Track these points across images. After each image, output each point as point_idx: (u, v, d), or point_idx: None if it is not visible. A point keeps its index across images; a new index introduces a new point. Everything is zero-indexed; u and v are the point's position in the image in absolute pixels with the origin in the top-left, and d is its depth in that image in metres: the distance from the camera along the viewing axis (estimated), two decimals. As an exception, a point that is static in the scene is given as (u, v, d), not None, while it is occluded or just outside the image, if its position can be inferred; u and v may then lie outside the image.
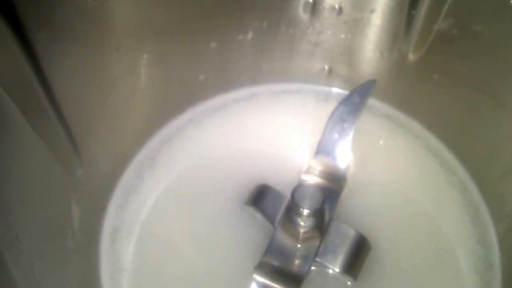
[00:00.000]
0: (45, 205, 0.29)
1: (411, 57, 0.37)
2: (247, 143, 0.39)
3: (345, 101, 0.38)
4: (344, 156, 0.37)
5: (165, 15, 0.35)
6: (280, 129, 0.40)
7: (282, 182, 0.36)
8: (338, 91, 0.41)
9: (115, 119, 0.36)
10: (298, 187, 0.31)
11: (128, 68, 0.35)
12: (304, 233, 0.32)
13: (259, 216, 0.35)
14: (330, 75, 0.41)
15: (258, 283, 0.31)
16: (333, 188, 0.35)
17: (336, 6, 0.37)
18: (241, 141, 0.40)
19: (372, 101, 0.40)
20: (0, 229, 0.23)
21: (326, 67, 0.41)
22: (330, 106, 0.39)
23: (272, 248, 0.32)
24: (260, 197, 0.35)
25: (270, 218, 0.34)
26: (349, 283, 0.32)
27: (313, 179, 0.36)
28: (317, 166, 0.36)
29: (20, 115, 0.27)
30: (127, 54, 0.34)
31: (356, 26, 0.38)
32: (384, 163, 0.37)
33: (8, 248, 0.23)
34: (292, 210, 0.31)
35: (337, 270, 0.32)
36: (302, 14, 0.38)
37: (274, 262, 0.32)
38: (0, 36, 0.25)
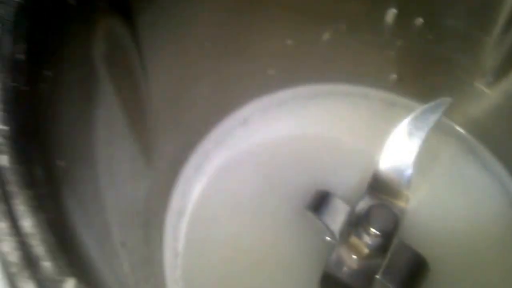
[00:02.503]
0: (133, 198, 0.29)
1: (490, 82, 0.36)
2: (309, 142, 0.40)
3: (415, 115, 0.37)
4: (408, 172, 0.37)
5: (247, 13, 0.34)
6: (344, 132, 0.40)
7: (343, 188, 0.37)
8: (407, 101, 0.41)
9: (185, 107, 0.36)
10: (373, 207, 0.31)
11: (210, 60, 0.34)
12: (369, 251, 0.32)
13: (317, 223, 0.35)
14: (401, 85, 0.41)
15: (321, 296, 0.32)
16: (396, 205, 0.35)
17: (421, 20, 0.36)
18: (301, 141, 0.40)
19: (443, 120, 0.39)
20: (107, 237, 0.23)
21: (397, 76, 0.40)
22: (395, 116, 0.38)
23: (333, 261, 0.33)
24: (321, 204, 0.35)
25: (330, 228, 0.34)
26: (405, 303, 0.33)
27: (376, 193, 0.36)
28: (380, 179, 0.36)
29: (117, 96, 0.27)
30: (211, 49, 0.33)
31: (437, 40, 0.37)
32: (449, 185, 0.37)
33: (115, 256, 0.23)
34: (362, 227, 0.32)
35: (395, 289, 0.32)
36: (384, 22, 0.37)
37: (335, 275, 0.32)
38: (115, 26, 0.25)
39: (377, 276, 0.33)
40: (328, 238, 0.35)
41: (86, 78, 0.23)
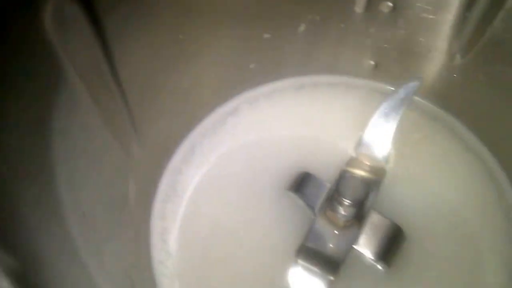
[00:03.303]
0: (106, 181, 0.32)
1: (460, 58, 0.38)
2: (292, 131, 0.42)
3: (390, 97, 0.39)
4: (385, 150, 0.38)
5: (225, 7, 0.37)
6: (324, 120, 0.42)
7: (324, 170, 0.38)
8: (384, 86, 0.43)
9: (170, 100, 0.38)
10: (344, 178, 0.33)
11: (188, 53, 0.37)
12: (344, 222, 0.34)
13: (300, 202, 0.37)
14: (377, 71, 0.42)
15: (299, 266, 0.33)
16: (373, 179, 0.37)
17: (390, 4, 0.38)
18: (286, 130, 0.42)
19: (416, 99, 0.41)
20: (70, 205, 0.26)
21: (374, 63, 0.42)
22: (375, 101, 0.40)
23: (312, 234, 0.35)
24: (302, 184, 0.37)
25: (310, 205, 0.36)
26: (382, 270, 0.34)
27: (354, 170, 0.37)
28: (359, 158, 0.38)
29: (85, 90, 0.29)
30: (188, 41, 0.36)
31: (407, 24, 0.39)
32: (423, 159, 0.39)
33: (76, 223, 0.26)
34: (335, 199, 0.33)
35: (372, 257, 0.34)
36: (356, 10, 0.39)
37: (314, 247, 0.34)
38: (72, 14, 0.27)
39: (354, 246, 0.34)
40: (309, 216, 0.37)
41: (37, 59, 0.24)
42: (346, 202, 0.33)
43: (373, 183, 0.36)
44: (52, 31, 0.24)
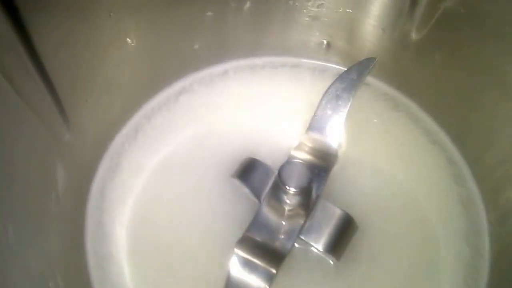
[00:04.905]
0: (28, 167, 0.29)
1: (414, 35, 0.36)
2: (240, 115, 0.39)
3: (341, 77, 0.37)
4: (337, 134, 0.36)
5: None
6: (274, 103, 0.39)
7: (272, 156, 0.36)
8: (335, 66, 0.40)
9: (105, 86, 0.35)
10: (286, 165, 0.30)
11: (120, 34, 0.34)
12: (289, 210, 0.31)
13: (245, 190, 0.34)
14: (329, 50, 0.40)
15: (239, 257, 0.31)
16: (322, 165, 0.34)
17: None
18: (234, 113, 0.39)
19: (370, 79, 0.38)
20: None
21: (325, 42, 0.40)
22: (327, 82, 0.38)
23: (256, 223, 0.32)
24: (248, 171, 0.35)
25: (256, 193, 0.34)
26: (331, 262, 0.32)
27: (303, 155, 0.35)
28: (308, 142, 0.36)
29: (3, 79, 0.26)
30: (119, 20, 0.33)
31: (358, 1, 0.37)
32: (378, 144, 0.37)
33: None
34: (278, 187, 0.31)
35: (320, 249, 0.31)
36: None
37: (257, 237, 0.31)
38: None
39: (301, 237, 0.32)
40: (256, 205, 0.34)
41: None
42: (290, 190, 0.30)
43: (321, 170, 0.34)
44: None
